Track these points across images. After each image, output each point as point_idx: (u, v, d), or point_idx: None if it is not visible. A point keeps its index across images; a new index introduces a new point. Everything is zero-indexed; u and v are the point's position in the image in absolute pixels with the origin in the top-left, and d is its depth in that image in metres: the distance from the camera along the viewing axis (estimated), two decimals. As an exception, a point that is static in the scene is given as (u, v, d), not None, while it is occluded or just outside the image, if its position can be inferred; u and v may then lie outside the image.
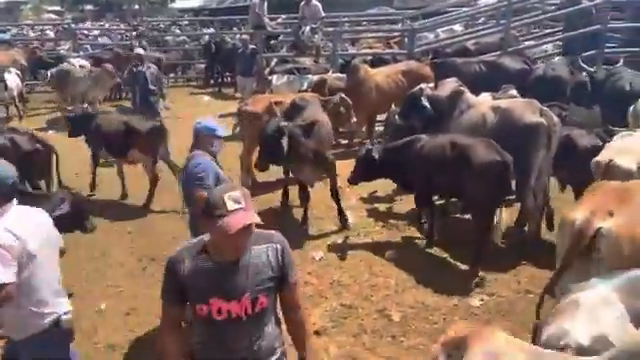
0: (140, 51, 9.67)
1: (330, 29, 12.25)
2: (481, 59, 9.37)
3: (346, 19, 16.29)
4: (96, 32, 19.45)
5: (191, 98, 13.76)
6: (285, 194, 6.93)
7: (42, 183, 6.55)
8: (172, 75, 16.07)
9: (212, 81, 15.53)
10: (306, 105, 6.26)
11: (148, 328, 4.52)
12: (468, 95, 6.17)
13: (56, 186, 6.61)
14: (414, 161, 5.51)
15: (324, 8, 12.64)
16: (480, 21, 14.08)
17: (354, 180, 5.99)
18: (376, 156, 5.73)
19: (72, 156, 7.66)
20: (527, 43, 11.54)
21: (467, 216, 5.88)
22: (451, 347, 2.48)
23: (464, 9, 14.29)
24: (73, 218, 4.64)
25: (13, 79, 11.47)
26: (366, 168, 5.85)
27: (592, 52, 9.72)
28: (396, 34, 13.90)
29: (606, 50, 10.10)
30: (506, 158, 5.04)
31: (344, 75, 9.10)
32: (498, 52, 10.24)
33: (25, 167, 4.99)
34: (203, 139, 4.11)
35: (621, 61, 8.41)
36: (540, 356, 2.37)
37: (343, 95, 7.51)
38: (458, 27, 13.93)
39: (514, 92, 7.08)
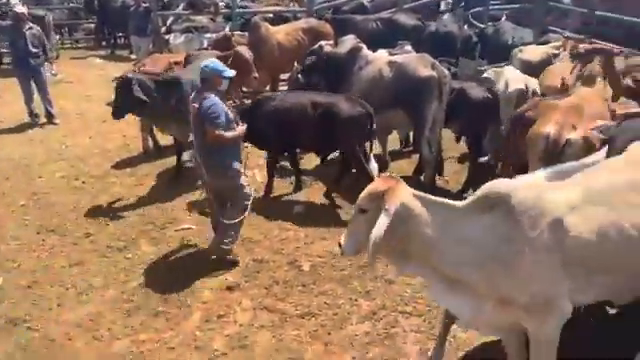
0: (18, 9, 8.79)
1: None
2: (378, 16, 9.61)
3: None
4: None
5: (82, 61, 12.87)
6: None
7: None
8: (58, 37, 14.82)
9: (104, 42, 14.58)
10: (195, 60, 6.15)
11: (52, 300, 4.37)
12: (366, 51, 6.36)
13: None
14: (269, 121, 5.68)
15: (222, -36, 12.22)
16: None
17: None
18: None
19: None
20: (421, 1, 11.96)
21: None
22: (367, 201, 2.88)
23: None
24: None
25: None
26: None
27: (479, 9, 10.30)
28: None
29: (490, 7, 10.75)
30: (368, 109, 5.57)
31: (246, 33, 8.95)
32: (393, 9, 10.54)
33: None
34: (212, 80, 4.43)
35: (504, 17, 9.02)
36: (436, 202, 2.87)
37: (239, 49, 7.38)
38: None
39: (409, 48, 7.39)
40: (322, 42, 6.79)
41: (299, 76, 6.74)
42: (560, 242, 2.71)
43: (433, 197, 2.91)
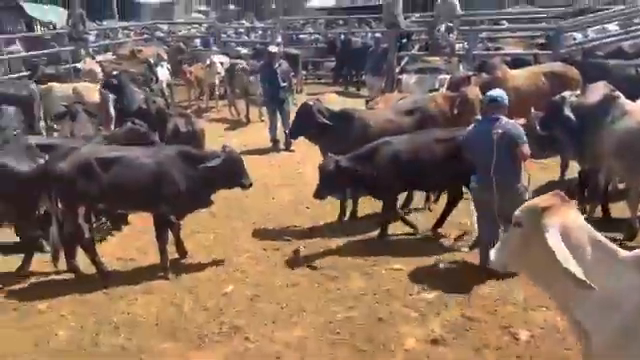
0: (272, 49, 10.06)
1: (467, 28, 11.79)
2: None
3: (484, 17, 15.58)
4: (241, 30, 20.42)
5: (319, 95, 14.03)
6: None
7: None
8: (304, 72, 16.53)
9: (340, 79, 15.74)
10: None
11: (269, 316, 4.68)
12: (623, 100, 5.55)
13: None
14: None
15: (461, 5, 12.19)
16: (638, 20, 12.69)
17: (319, 194, 5.90)
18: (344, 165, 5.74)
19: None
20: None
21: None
22: (523, 215, 2.70)
23: (619, 7, 12.97)
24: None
25: (163, 72, 12.57)
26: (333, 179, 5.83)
27: None
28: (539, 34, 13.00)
29: None
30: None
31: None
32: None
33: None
34: (504, 108, 4.99)
35: None
36: (600, 242, 2.53)
37: (467, 89, 7.15)
38: (612, 26, 12.67)
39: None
40: (566, 92, 6.16)
41: (537, 126, 6.19)
42: None
43: (601, 236, 2.58)
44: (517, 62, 9.95)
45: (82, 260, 5.44)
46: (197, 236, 6.25)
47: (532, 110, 6.87)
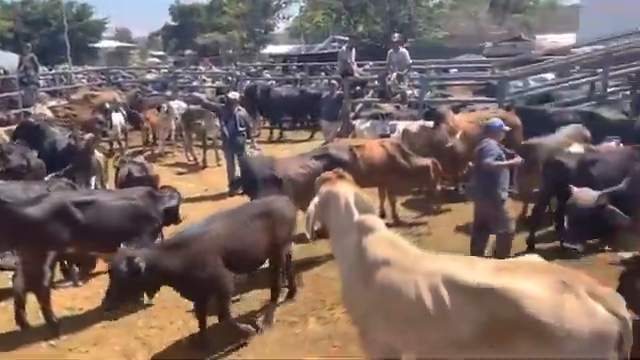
0: (231, 95, 10.20)
1: (417, 75, 12.30)
2: (576, 109, 9.00)
3: (434, 66, 16.31)
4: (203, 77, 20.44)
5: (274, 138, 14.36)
6: None
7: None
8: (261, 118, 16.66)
9: (298, 124, 16.02)
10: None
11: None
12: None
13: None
14: None
15: (412, 55, 12.76)
16: (575, 69, 13.59)
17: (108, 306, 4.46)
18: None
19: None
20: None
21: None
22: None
23: (557, 57, 13.87)
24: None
25: (118, 118, 12.47)
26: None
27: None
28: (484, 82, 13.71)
29: None
30: None
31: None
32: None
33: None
34: (498, 133, 5.89)
35: None
36: (349, 207, 3.60)
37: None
38: (549, 75, 13.52)
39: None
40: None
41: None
42: None
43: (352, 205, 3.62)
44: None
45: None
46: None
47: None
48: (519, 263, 3.13)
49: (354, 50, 13.28)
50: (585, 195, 5.28)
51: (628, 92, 11.34)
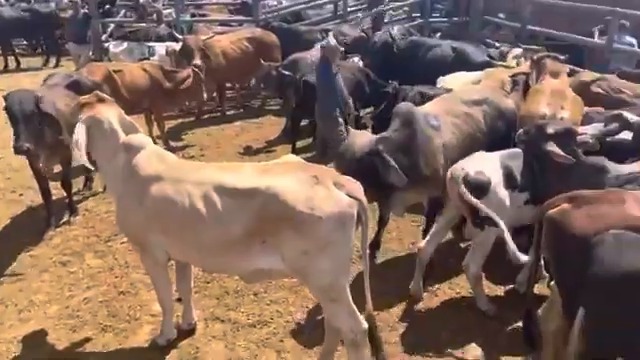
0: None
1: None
2: (323, 27, 9.77)
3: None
4: None
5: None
6: None
7: None
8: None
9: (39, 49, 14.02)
10: None
11: (-9, 318, 4.18)
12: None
13: None
14: None
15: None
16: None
17: None
18: None
19: None
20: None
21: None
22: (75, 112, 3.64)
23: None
24: None
25: None
26: None
27: (420, 21, 10.66)
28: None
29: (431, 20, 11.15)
30: None
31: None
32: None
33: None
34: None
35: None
36: (114, 131, 3.59)
37: (195, 67, 7.41)
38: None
39: (356, 59, 7.61)
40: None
41: None
42: None
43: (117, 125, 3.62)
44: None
45: None
46: None
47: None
48: (279, 163, 3.49)
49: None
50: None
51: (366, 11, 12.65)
